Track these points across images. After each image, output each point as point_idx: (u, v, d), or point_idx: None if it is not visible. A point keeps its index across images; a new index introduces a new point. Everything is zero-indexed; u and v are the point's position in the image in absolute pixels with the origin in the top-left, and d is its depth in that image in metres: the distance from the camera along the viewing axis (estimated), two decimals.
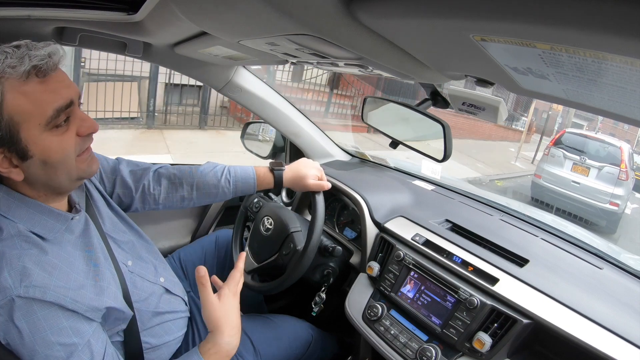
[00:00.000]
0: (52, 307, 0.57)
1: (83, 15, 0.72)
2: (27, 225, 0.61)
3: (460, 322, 0.80)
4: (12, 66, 0.54)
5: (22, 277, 0.55)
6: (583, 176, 5.03)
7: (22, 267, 0.56)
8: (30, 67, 0.54)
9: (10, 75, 0.54)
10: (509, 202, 1.45)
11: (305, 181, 1.00)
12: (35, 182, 0.62)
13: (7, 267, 0.55)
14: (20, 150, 0.57)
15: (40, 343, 0.56)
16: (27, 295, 0.55)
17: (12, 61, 0.54)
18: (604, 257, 0.98)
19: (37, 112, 0.56)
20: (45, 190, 0.64)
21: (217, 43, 0.77)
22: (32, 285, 0.56)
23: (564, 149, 5.24)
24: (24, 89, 0.55)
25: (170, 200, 0.95)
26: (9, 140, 0.56)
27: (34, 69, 0.55)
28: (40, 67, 0.56)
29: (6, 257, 0.56)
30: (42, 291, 0.56)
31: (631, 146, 5.93)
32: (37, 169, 0.60)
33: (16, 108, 0.55)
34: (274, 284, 0.98)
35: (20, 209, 0.62)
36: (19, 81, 0.55)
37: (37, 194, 0.64)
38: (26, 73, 0.55)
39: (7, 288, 0.54)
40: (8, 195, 0.62)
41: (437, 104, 0.90)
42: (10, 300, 0.54)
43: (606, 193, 4.81)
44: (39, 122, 0.57)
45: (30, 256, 0.58)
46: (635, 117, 0.44)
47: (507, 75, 0.46)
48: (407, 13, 0.35)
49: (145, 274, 0.81)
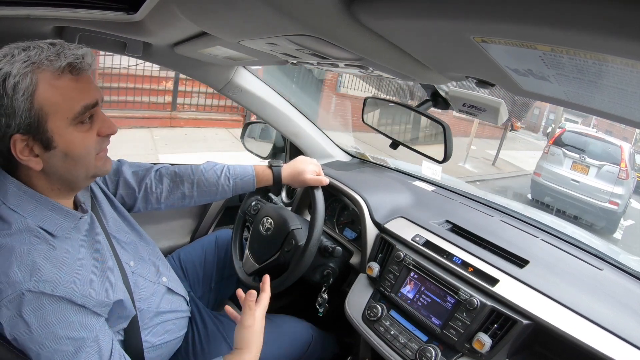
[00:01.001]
0: (61, 302, 0.58)
1: (83, 15, 0.72)
2: (36, 221, 0.61)
3: (460, 322, 0.80)
4: (50, 59, 0.57)
5: (32, 271, 0.56)
6: (582, 175, 5.02)
7: (32, 262, 0.56)
8: (66, 63, 0.57)
9: (46, 68, 0.57)
10: (509, 202, 1.45)
11: (304, 176, 1.02)
12: (52, 174, 0.63)
13: (17, 261, 0.56)
14: (46, 140, 0.59)
15: (49, 337, 0.56)
16: (37, 289, 0.56)
17: (50, 55, 0.57)
18: (604, 258, 0.98)
19: (67, 106, 0.59)
20: (60, 184, 0.65)
21: (217, 43, 0.77)
22: (42, 280, 0.56)
23: (564, 148, 5.23)
24: (57, 83, 0.58)
25: (172, 198, 0.95)
26: (35, 129, 0.58)
27: (68, 66, 0.58)
28: (75, 66, 0.59)
29: (16, 252, 0.57)
30: (52, 286, 0.57)
31: (631, 145, 5.90)
32: (58, 161, 0.62)
33: (47, 99, 0.57)
34: (277, 281, 0.98)
35: (30, 204, 0.62)
36: (54, 75, 0.57)
37: (51, 187, 0.65)
38: (61, 68, 0.57)
39: (17, 282, 0.55)
40: (19, 189, 0.62)
41: (438, 105, 0.90)
42: (20, 295, 0.55)
43: (605, 192, 4.80)
44: (67, 115, 0.59)
45: (39, 251, 0.58)
46: (635, 118, 0.44)
47: (507, 77, 0.46)
48: (408, 14, 0.35)
49: (146, 274, 0.82)
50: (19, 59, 0.55)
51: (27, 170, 0.62)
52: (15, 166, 0.62)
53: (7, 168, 0.63)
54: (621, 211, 4.88)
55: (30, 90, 0.56)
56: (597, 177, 4.94)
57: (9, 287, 0.55)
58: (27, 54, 0.56)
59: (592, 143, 5.21)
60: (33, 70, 0.56)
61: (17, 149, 0.58)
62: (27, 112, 0.56)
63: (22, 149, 0.59)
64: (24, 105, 0.56)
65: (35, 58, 0.56)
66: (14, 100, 0.55)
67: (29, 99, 0.56)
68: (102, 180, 0.87)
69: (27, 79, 0.55)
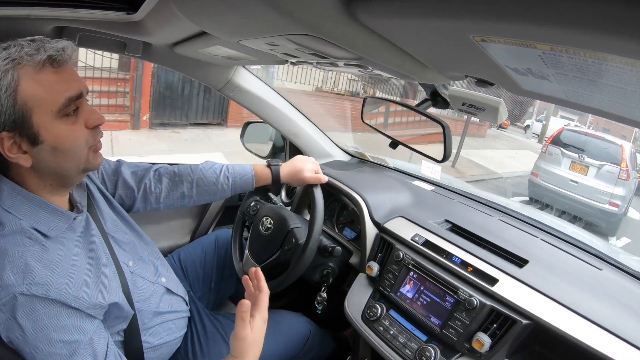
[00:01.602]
0: (54, 305, 0.57)
1: (82, 15, 0.72)
2: (30, 222, 0.61)
3: (459, 322, 0.80)
4: (29, 54, 0.57)
5: (24, 274, 0.56)
6: (581, 175, 4.83)
7: (24, 264, 0.56)
8: (46, 56, 0.58)
9: (27, 63, 0.57)
10: (508, 202, 1.45)
11: (302, 174, 1.02)
12: (43, 169, 0.63)
13: (10, 264, 0.56)
14: (32, 135, 0.59)
15: (42, 341, 0.56)
16: (30, 292, 0.55)
17: (29, 50, 0.57)
18: (603, 258, 0.97)
19: (50, 99, 0.59)
20: (52, 180, 0.65)
21: (216, 43, 0.77)
22: (35, 283, 0.56)
23: (562, 147, 5.04)
24: (39, 77, 0.58)
25: (171, 198, 0.95)
26: (21, 125, 0.58)
27: (49, 59, 0.58)
28: (55, 58, 0.59)
29: (8, 254, 0.56)
30: (45, 289, 0.57)
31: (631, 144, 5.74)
32: (47, 156, 0.62)
33: (30, 94, 0.58)
34: (278, 280, 0.98)
35: (24, 205, 0.62)
36: (35, 69, 0.58)
37: (43, 184, 0.65)
38: (42, 62, 0.58)
39: (9, 285, 0.55)
40: (13, 190, 0.62)
41: (437, 105, 0.90)
42: (13, 298, 0.55)
43: (605, 193, 4.62)
44: (51, 108, 0.59)
45: (32, 253, 0.58)
46: (635, 118, 0.44)
47: (507, 76, 0.46)
48: (407, 13, 0.35)
49: (145, 274, 0.82)
50: (0, 57, 0.56)
51: (18, 168, 0.62)
52: (7, 166, 0.62)
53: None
54: (622, 213, 4.72)
55: (12, 86, 0.56)
56: (597, 177, 4.76)
57: (2, 290, 0.55)
58: (7, 52, 0.57)
59: (592, 142, 5.00)
60: (14, 66, 0.56)
61: (4, 147, 0.59)
62: (11, 108, 0.57)
63: (10, 147, 0.59)
64: (7, 102, 0.56)
65: (15, 55, 0.56)
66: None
67: (12, 95, 0.56)
68: (101, 181, 0.87)
69: (8, 75, 0.56)
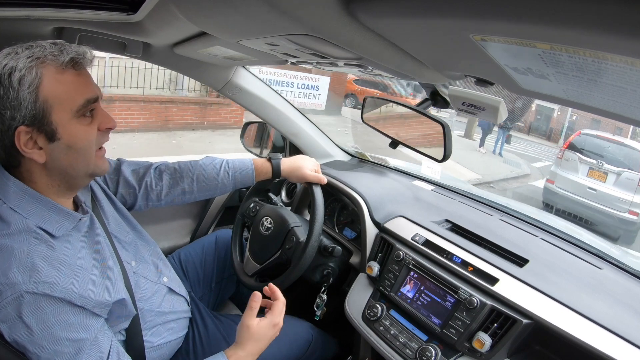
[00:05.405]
0: (60, 303, 0.58)
1: (82, 16, 0.72)
2: (36, 221, 0.62)
3: (460, 322, 0.80)
4: (53, 54, 0.59)
5: (31, 273, 0.56)
6: (600, 182, 4.54)
7: (31, 262, 0.57)
8: (69, 58, 0.60)
9: (50, 63, 0.59)
10: (509, 202, 1.44)
11: (303, 171, 1.03)
12: (54, 168, 0.64)
13: (17, 262, 0.56)
14: (50, 132, 0.61)
15: (48, 339, 0.57)
16: (36, 291, 0.56)
17: (53, 51, 0.60)
18: (603, 257, 0.97)
19: (70, 99, 0.61)
20: (60, 181, 0.66)
21: (216, 43, 0.77)
22: (41, 281, 0.56)
23: (579, 152, 4.76)
24: (61, 77, 0.60)
25: (172, 195, 0.95)
26: (40, 120, 0.60)
27: (71, 61, 0.61)
28: (77, 61, 0.62)
29: (15, 252, 0.57)
30: (51, 287, 0.57)
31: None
32: (61, 153, 0.63)
33: (52, 92, 0.59)
34: (280, 279, 0.98)
35: (31, 204, 0.63)
36: (58, 69, 0.60)
37: (51, 184, 0.65)
38: (65, 63, 0.60)
39: (16, 284, 0.55)
40: (20, 189, 0.63)
41: (437, 104, 0.90)
42: (19, 296, 0.55)
43: (625, 201, 4.34)
44: (70, 108, 0.61)
45: (39, 252, 0.58)
46: (635, 117, 0.44)
47: (507, 75, 0.46)
48: (407, 13, 0.35)
49: (147, 274, 0.82)
50: (23, 55, 0.58)
51: (29, 165, 0.63)
52: (17, 162, 0.63)
53: (8, 165, 0.64)
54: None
55: (35, 83, 0.58)
56: (616, 184, 4.47)
57: (8, 288, 0.55)
58: (30, 51, 0.59)
59: (610, 147, 4.71)
60: (37, 64, 0.58)
61: (21, 141, 0.59)
62: (33, 104, 0.58)
63: (26, 142, 0.60)
64: (29, 97, 0.58)
65: (39, 54, 0.58)
66: (20, 93, 0.57)
67: (34, 92, 0.58)
68: (103, 180, 0.87)
69: (32, 72, 0.58)
